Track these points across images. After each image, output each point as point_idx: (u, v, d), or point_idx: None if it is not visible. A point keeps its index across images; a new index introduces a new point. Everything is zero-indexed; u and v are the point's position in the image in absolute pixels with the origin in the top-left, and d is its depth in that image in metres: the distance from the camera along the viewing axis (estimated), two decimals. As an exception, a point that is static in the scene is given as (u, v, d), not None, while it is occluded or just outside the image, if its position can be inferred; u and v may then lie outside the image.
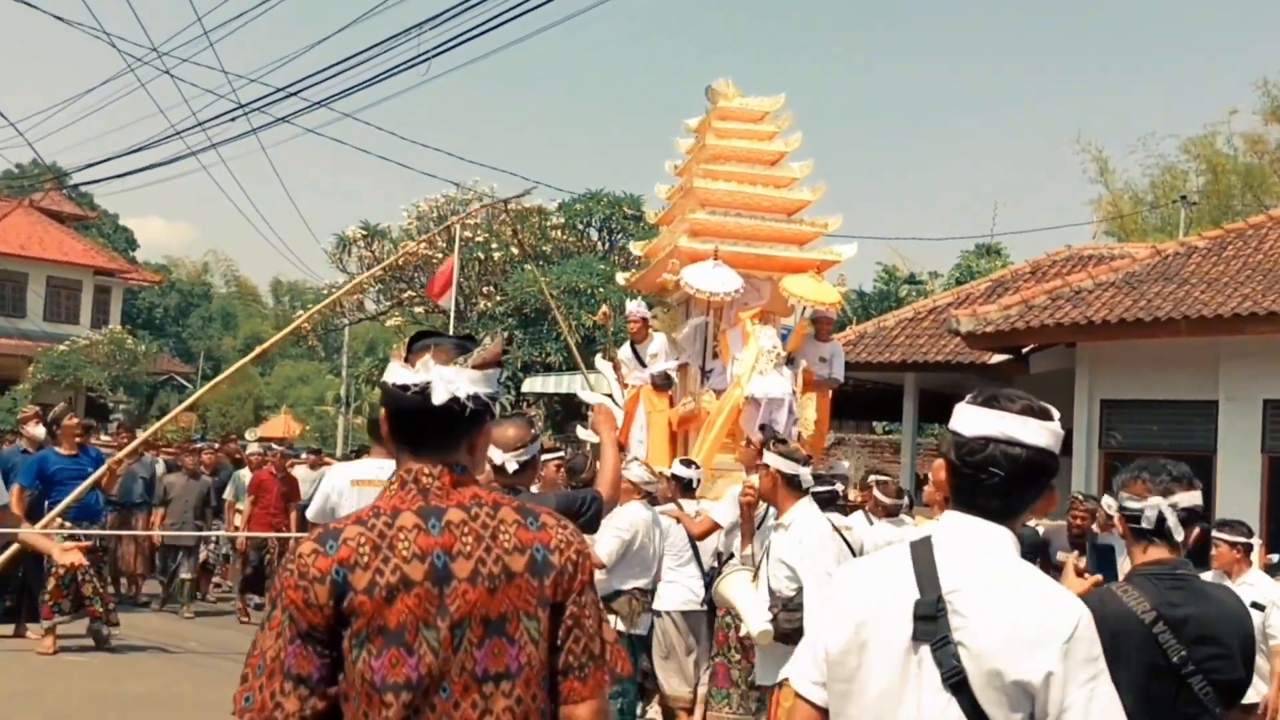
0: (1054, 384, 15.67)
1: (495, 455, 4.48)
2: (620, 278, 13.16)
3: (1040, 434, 2.28)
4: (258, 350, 13.45)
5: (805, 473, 5.85)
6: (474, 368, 2.29)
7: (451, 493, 2.26)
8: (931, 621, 2.19)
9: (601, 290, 28.38)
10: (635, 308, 11.45)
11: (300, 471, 14.45)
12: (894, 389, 19.23)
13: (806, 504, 5.75)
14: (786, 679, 2.43)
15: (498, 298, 29.08)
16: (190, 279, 70.31)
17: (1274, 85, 36.45)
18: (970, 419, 2.33)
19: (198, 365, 51.40)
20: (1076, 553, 8.02)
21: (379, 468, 5.66)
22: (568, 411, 27.35)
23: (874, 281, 39.30)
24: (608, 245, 32.65)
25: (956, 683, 2.15)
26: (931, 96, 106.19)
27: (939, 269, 36.98)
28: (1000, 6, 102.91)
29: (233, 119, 16.12)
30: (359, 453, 15.69)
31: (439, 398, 2.23)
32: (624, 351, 11.31)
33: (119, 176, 39.90)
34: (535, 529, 2.28)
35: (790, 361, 10.38)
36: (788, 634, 4.98)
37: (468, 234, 29.11)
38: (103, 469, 10.02)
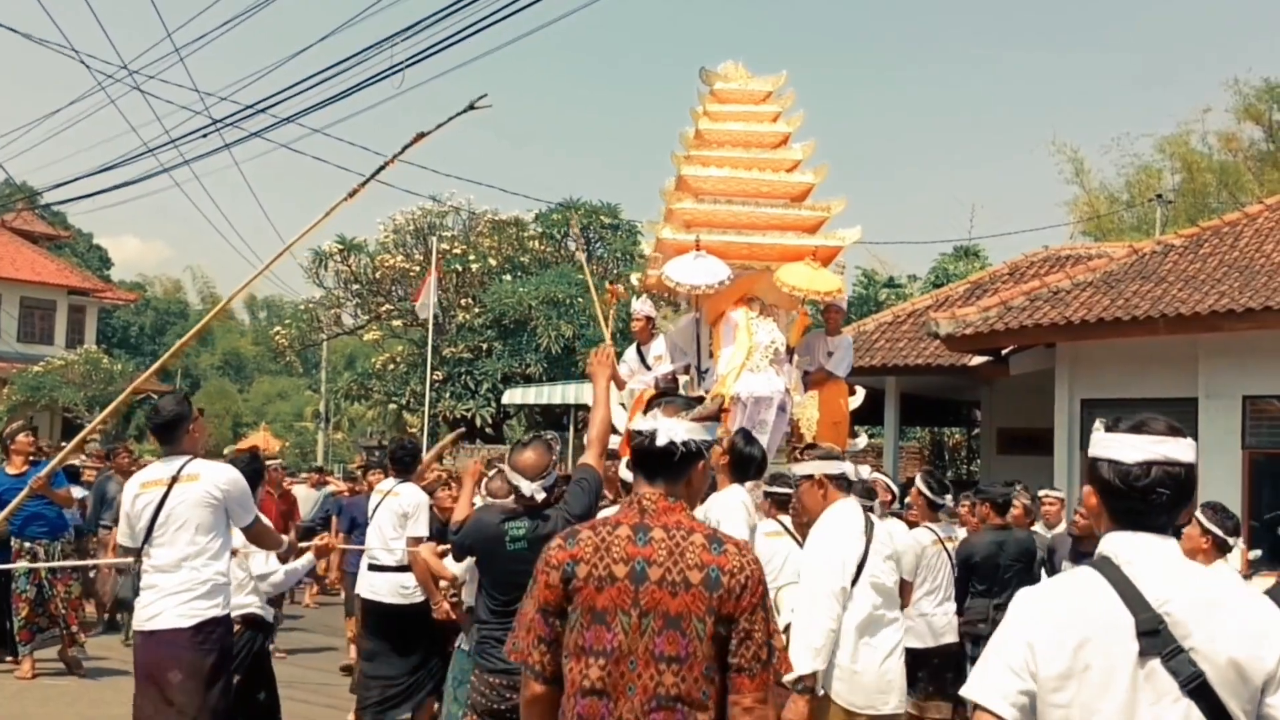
0: (1034, 384, 15.72)
1: (523, 484, 4.81)
2: (634, 278, 12.51)
3: (1190, 452, 2.52)
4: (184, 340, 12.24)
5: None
6: (693, 420, 3.15)
7: (661, 515, 3.05)
8: (1155, 635, 2.36)
9: (580, 299, 28.33)
10: (639, 306, 10.61)
11: (301, 491, 14.17)
12: (875, 393, 19.22)
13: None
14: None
15: (476, 309, 29.00)
16: (166, 296, 69.93)
17: (1245, 84, 36.78)
18: (1126, 446, 2.53)
19: (175, 383, 51.06)
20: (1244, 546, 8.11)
21: (166, 466, 5.47)
22: (548, 422, 27.28)
23: (853, 285, 39.36)
24: (586, 255, 32.58)
25: (1196, 687, 2.33)
26: (907, 100, 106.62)
27: (918, 272, 37.09)
28: (973, 9, 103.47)
29: (204, 135, 15.96)
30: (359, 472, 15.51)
31: (661, 441, 3.08)
32: (629, 353, 10.58)
33: (91, 195, 39.61)
34: (717, 553, 2.98)
35: (792, 357, 9.85)
36: None
37: (445, 246, 29.04)
38: (26, 489, 9.62)
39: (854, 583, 5.22)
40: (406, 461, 8.42)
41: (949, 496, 8.07)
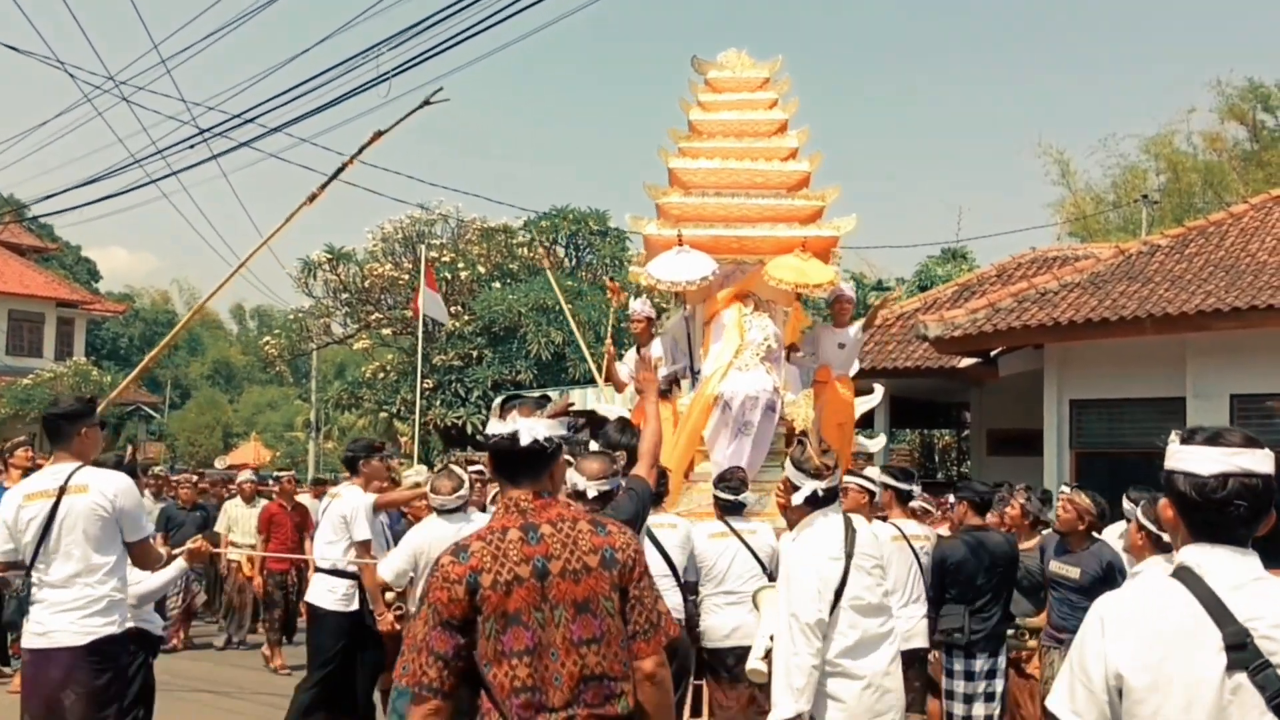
0: (1023, 385, 15.78)
1: (580, 482, 4.93)
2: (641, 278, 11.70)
3: (1267, 462, 2.52)
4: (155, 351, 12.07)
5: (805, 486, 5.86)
6: (549, 417, 3.26)
7: (541, 512, 3.20)
8: (1243, 649, 2.36)
9: (570, 306, 28.34)
10: (638, 307, 10.13)
11: (304, 500, 14.09)
12: (864, 395, 19.25)
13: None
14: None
15: (466, 317, 28.99)
16: (154, 307, 69.77)
17: (1228, 84, 36.99)
18: (1202, 459, 2.54)
19: (165, 394, 50.97)
20: None
21: (53, 475, 5.28)
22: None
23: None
24: (575, 261, 32.62)
25: None
26: (892, 104, 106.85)
27: (906, 275, 37.19)
28: (957, 13, 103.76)
29: (192, 146, 15.96)
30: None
31: (525, 440, 3.19)
32: (629, 356, 10.19)
33: (78, 207, 39.54)
34: (603, 535, 3.21)
35: (789, 354, 9.45)
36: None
37: (434, 254, 29.04)
38: None
39: (833, 609, 4.87)
40: (353, 461, 8.33)
41: (917, 485, 7.83)
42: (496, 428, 3.25)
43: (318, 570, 8.12)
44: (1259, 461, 2.51)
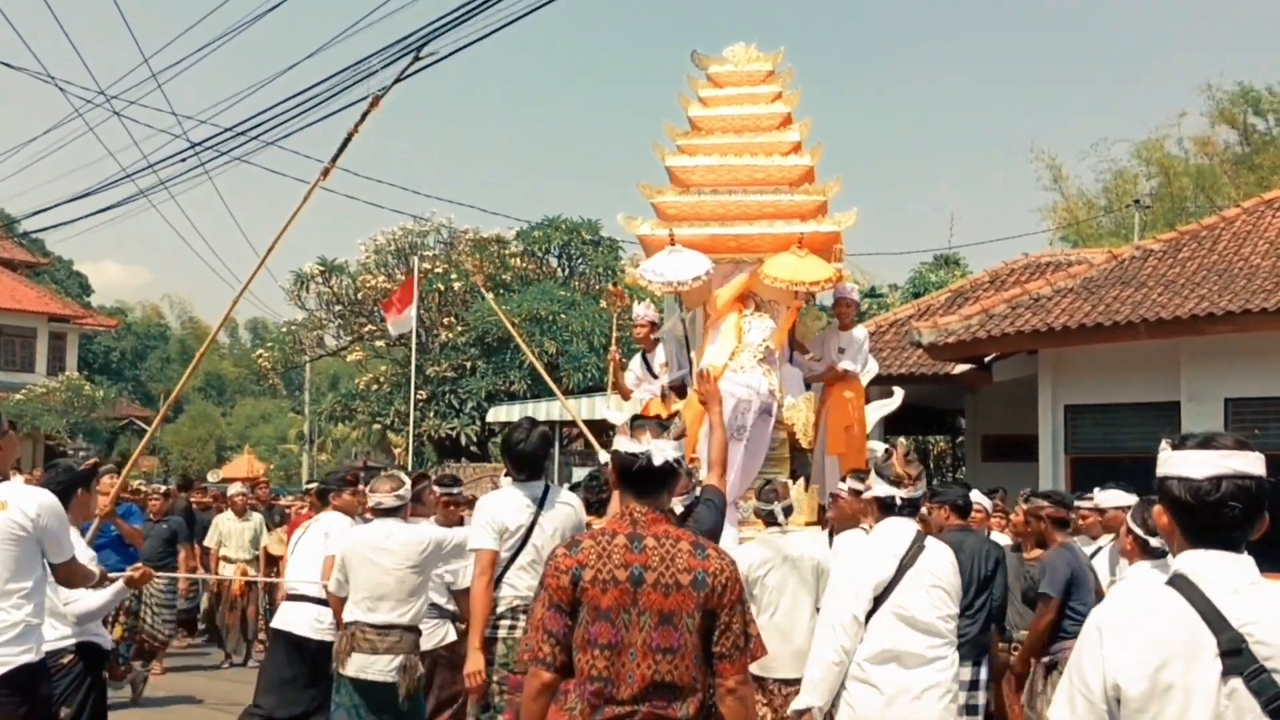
0: (1018, 391, 15.76)
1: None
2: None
3: (1259, 464, 2.55)
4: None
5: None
6: (674, 438, 3.60)
7: (651, 525, 3.52)
8: (1238, 655, 2.38)
9: (563, 316, 28.34)
10: (641, 311, 9.79)
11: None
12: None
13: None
14: None
15: (459, 328, 28.97)
16: (146, 321, 69.65)
17: (1218, 89, 37.07)
18: (1195, 463, 2.56)
19: (158, 408, 50.81)
20: None
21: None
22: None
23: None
24: (568, 271, 32.61)
25: (1278, 707, 2.36)
26: (883, 109, 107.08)
27: (899, 282, 37.20)
28: (948, 19, 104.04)
29: (183, 159, 15.91)
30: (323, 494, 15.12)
31: (657, 461, 3.54)
32: (634, 362, 9.90)
33: (69, 222, 39.47)
34: (701, 558, 3.48)
35: (792, 356, 9.11)
36: None
37: (426, 265, 29.01)
38: None
39: (873, 612, 4.72)
40: (324, 494, 8.21)
41: (910, 490, 7.40)
42: (629, 446, 3.60)
43: (292, 598, 7.70)
44: (1251, 463, 2.54)
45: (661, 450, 3.56)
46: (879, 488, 4.95)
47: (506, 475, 7.42)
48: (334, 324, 32.57)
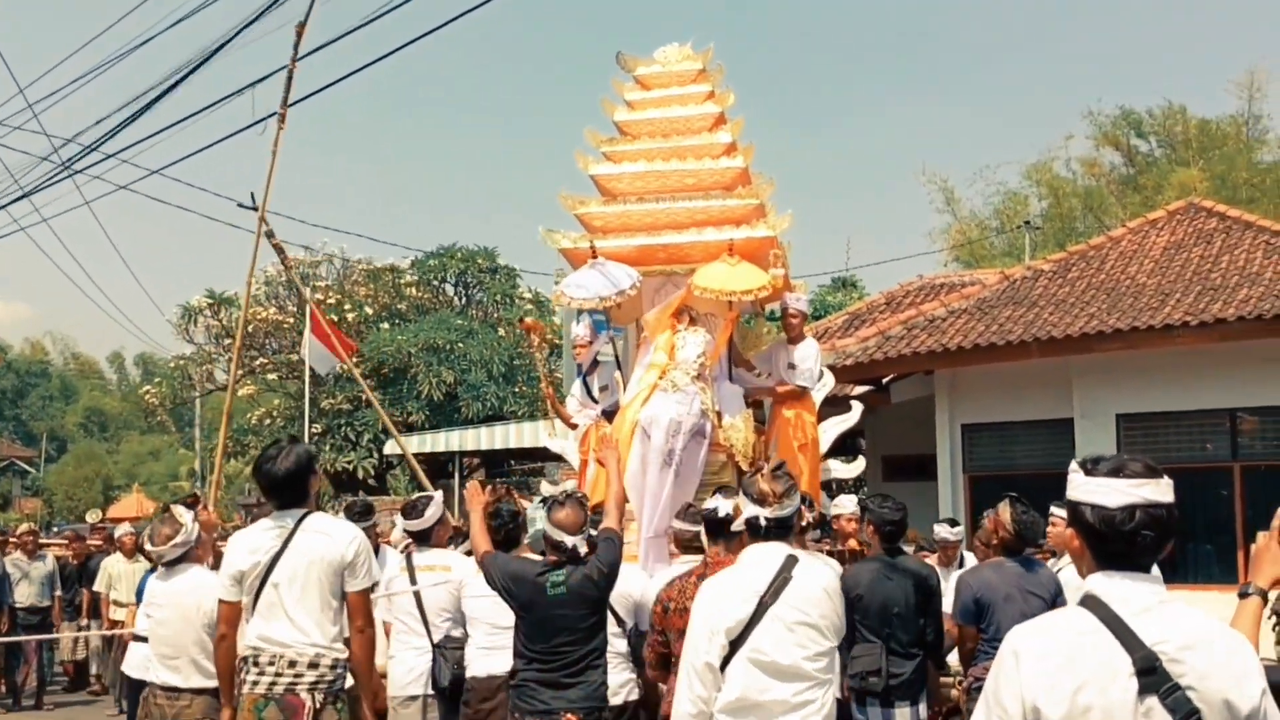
0: (915, 411, 15.82)
1: (567, 539, 5.00)
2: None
3: (1169, 491, 2.60)
4: None
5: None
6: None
7: (716, 566, 4.73)
8: (1153, 674, 2.43)
9: (461, 345, 27.95)
10: (580, 331, 9.13)
11: None
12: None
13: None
14: None
15: (354, 359, 28.39)
16: (26, 358, 67.40)
17: (1100, 113, 38.11)
18: (1108, 491, 2.60)
19: (40, 447, 49.11)
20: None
21: None
22: (433, 471, 26.73)
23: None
24: (464, 300, 32.24)
25: None
26: (774, 132, 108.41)
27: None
28: (839, 44, 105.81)
29: (56, 182, 15.26)
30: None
31: (720, 514, 5.00)
32: (575, 387, 9.29)
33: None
34: None
35: (731, 373, 8.51)
36: None
37: (319, 296, 28.42)
38: None
39: (731, 656, 4.09)
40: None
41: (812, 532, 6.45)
42: (720, 506, 4.95)
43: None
44: (1162, 491, 2.59)
45: (725, 506, 4.85)
46: (746, 509, 4.30)
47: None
48: (224, 358, 31.73)
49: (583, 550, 5.05)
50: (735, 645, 4.08)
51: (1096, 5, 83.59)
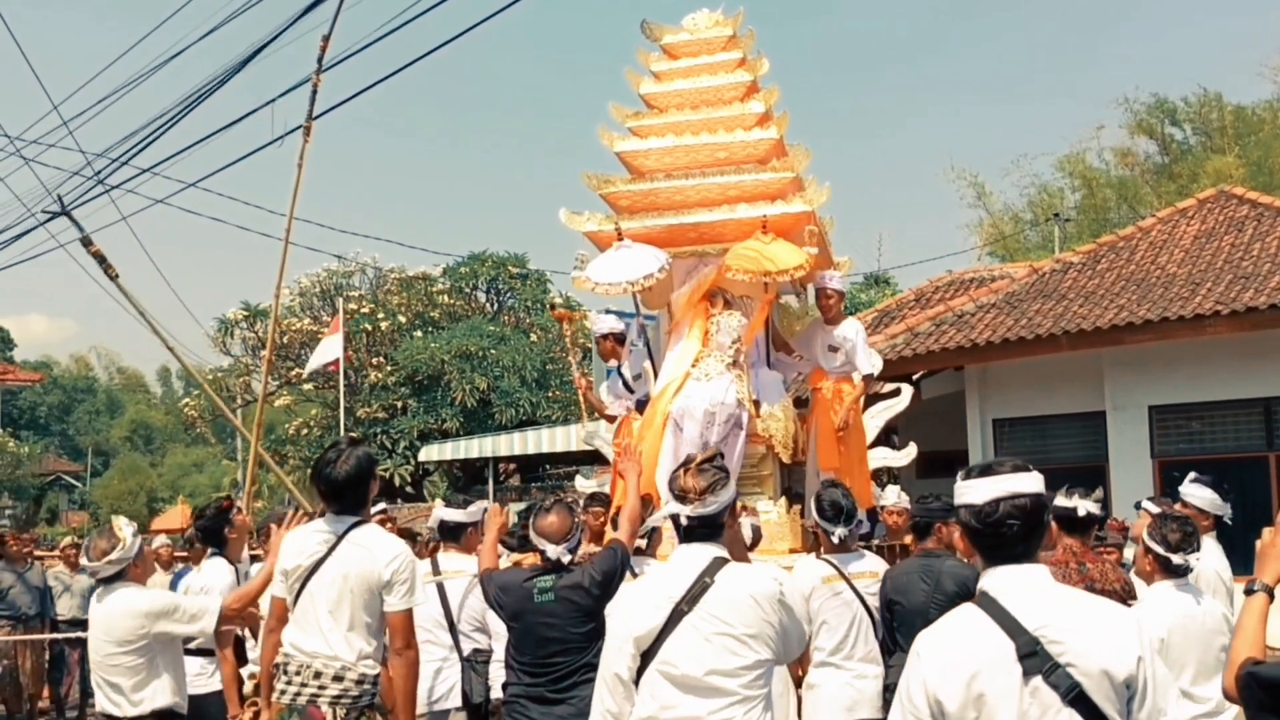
0: (946, 407, 15.73)
1: (549, 549, 4.77)
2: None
3: (1034, 483, 2.81)
4: None
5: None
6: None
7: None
8: (1034, 656, 2.63)
9: (493, 351, 28.07)
10: (605, 325, 8.66)
11: None
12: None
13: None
14: None
15: (388, 368, 28.59)
16: (71, 375, 68.29)
17: (1135, 101, 37.68)
18: (977, 489, 2.82)
19: (86, 461, 49.74)
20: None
21: None
22: (468, 477, 26.89)
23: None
24: (496, 306, 32.37)
25: (1075, 697, 2.61)
26: (808, 132, 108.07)
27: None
28: (861, 39, 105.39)
29: (92, 199, 15.44)
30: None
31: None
32: (611, 379, 8.83)
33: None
34: None
35: (769, 359, 8.14)
36: None
37: (353, 306, 28.63)
38: None
39: (644, 668, 3.67)
40: (209, 531, 6.74)
41: (840, 527, 5.81)
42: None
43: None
44: (1026, 483, 2.80)
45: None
46: (669, 505, 3.86)
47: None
48: (261, 369, 32.06)
49: (566, 560, 4.80)
50: (647, 656, 3.66)
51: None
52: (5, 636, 11.81)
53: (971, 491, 2.84)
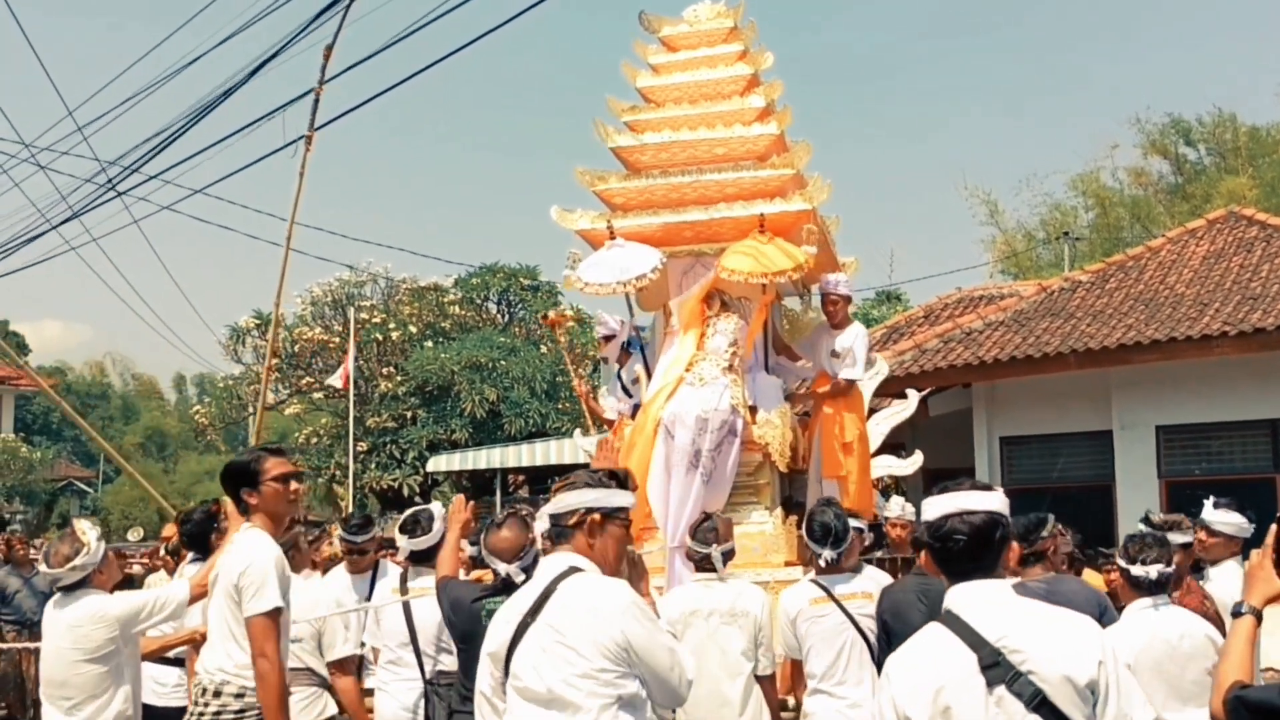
0: (954, 424, 15.72)
1: (499, 567, 4.41)
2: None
3: (986, 500, 2.91)
4: None
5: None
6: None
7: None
8: (996, 666, 2.72)
9: (503, 362, 28.12)
10: (602, 325, 8.55)
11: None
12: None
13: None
14: None
15: (399, 378, 28.66)
16: (85, 380, 68.56)
17: (1148, 121, 37.64)
18: (933, 505, 2.96)
19: (98, 468, 49.88)
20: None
21: None
22: (476, 488, 26.90)
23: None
24: (507, 318, 32.44)
25: (1039, 702, 2.67)
26: (818, 141, 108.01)
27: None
28: (873, 56, 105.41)
29: (102, 204, 15.53)
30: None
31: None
32: (604, 392, 8.82)
33: (-1, 280, 38.83)
34: None
35: (767, 363, 7.88)
36: None
37: (364, 315, 28.72)
38: None
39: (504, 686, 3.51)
40: (195, 535, 6.37)
41: (828, 550, 5.58)
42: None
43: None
44: (979, 501, 2.91)
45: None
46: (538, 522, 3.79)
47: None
48: (272, 377, 32.16)
49: (519, 580, 4.19)
50: (507, 672, 3.49)
51: (1144, 13, 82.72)
52: (11, 641, 11.85)
53: (929, 508, 2.98)
